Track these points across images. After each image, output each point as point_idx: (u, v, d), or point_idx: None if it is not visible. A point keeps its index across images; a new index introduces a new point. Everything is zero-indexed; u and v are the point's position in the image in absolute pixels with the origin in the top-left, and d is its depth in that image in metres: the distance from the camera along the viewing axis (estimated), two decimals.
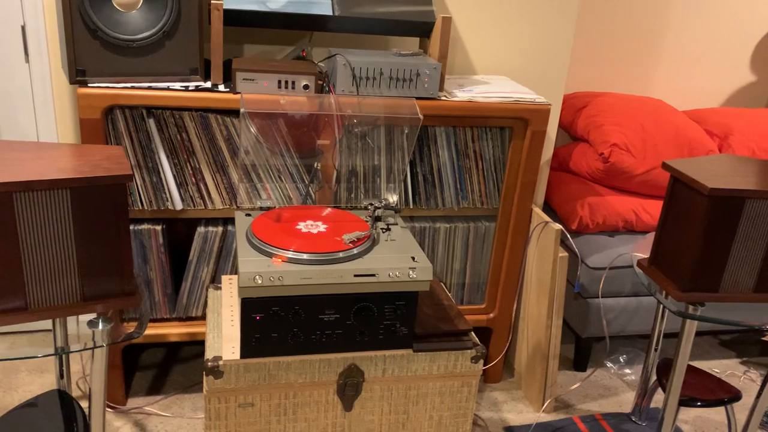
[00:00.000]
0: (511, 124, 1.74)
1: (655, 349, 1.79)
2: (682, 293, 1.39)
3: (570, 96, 2.35)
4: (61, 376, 1.38)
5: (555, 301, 1.83)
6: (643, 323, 2.04)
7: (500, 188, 1.82)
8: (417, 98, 1.59)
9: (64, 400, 1.36)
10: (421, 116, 1.52)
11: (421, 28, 1.66)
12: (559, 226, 1.78)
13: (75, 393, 1.78)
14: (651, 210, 2.11)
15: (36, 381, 1.82)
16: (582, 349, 2.12)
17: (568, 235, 1.87)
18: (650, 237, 1.84)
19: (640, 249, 1.63)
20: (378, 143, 1.67)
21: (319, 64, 1.69)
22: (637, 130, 2.12)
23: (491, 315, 1.93)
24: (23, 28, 1.67)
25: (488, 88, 1.76)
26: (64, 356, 1.37)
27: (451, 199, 1.80)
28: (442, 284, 1.70)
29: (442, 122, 1.71)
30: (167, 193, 1.62)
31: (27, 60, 1.70)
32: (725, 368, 2.18)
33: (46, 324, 2.04)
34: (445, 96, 1.68)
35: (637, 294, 2.02)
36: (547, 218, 1.82)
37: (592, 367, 2.15)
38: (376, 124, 1.64)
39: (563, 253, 1.80)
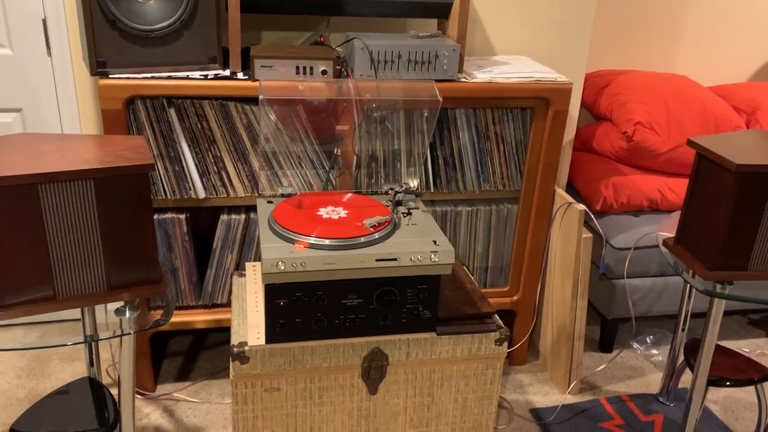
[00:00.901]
0: (533, 105, 1.72)
1: (683, 329, 1.77)
2: (710, 272, 1.36)
3: (592, 74, 2.31)
4: (91, 363, 1.40)
5: (579, 283, 1.81)
6: (670, 303, 2.02)
7: (522, 170, 1.80)
8: (436, 81, 1.58)
9: (94, 387, 1.39)
10: (440, 99, 1.50)
11: (439, 9, 1.64)
12: (582, 206, 1.76)
13: (105, 380, 1.81)
14: (676, 188, 2.08)
15: (67, 369, 1.86)
16: (608, 331, 2.10)
17: (592, 216, 1.85)
18: (676, 216, 1.82)
19: (666, 228, 1.61)
20: (397, 127, 1.66)
21: (336, 49, 1.68)
22: (662, 107, 2.09)
23: (515, 297, 1.93)
24: (44, 21, 1.68)
25: (508, 68, 1.74)
26: (93, 344, 1.40)
27: (472, 182, 1.79)
28: (464, 268, 1.70)
29: (462, 104, 1.70)
30: (190, 182, 1.63)
31: (49, 53, 1.72)
32: (755, 347, 2.15)
33: (76, 313, 2.08)
34: (464, 77, 1.66)
35: (663, 274, 2.00)
36: (570, 199, 1.80)
37: (618, 348, 2.14)
38: (395, 108, 1.63)
39: (587, 234, 1.78)
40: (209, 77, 1.53)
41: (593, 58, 2.39)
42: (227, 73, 1.55)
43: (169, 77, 1.51)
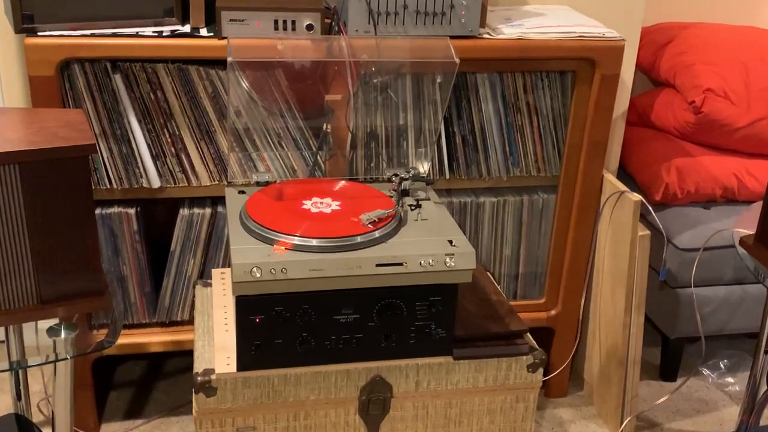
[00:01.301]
0: (575, 68, 1.72)
1: (766, 352, 1.77)
2: None
3: (651, 29, 2.31)
4: (18, 396, 1.41)
5: (634, 293, 1.81)
6: (749, 318, 2.02)
7: (561, 150, 1.80)
8: (452, 37, 1.58)
9: (22, 426, 1.39)
10: (457, 60, 1.50)
11: None
12: (638, 196, 1.76)
13: (36, 418, 1.82)
14: (757, 173, 2.08)
15: None
16: (670, 353, 2.11)
17: (651, 208, 1.85)
18: (756, 208, 1.81)
19: (744, 224, 1.60)
20: (403, 97, 1.66)
21: None
22: (738, 70, 2.08)
23: (553, 312, 1.93)
24: None
25: (543, 21, 1.74)
26: (20, 372, 1.40)
27: (498, 165, 1.79)
28: (488, 274, 1.70)
29: (485, 67, 1.69)
30: (141, 167, 1.63)
31: None
32: None
33: None
34: (488, 33, 1.66)
35: (741, 281, 2.00)
36: (622, 187, 1.80)
37: (684, 375, 2.14)
38: (401, 73, 1.63)
39: (644, 231, 1.78)
40: (164, 34, 1.53)
41: (651, 9, 2.38)
42: (187, 29, 1.56)
43: (114, 35, 1.51)
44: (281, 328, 1.32)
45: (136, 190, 1.65)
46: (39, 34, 1.48)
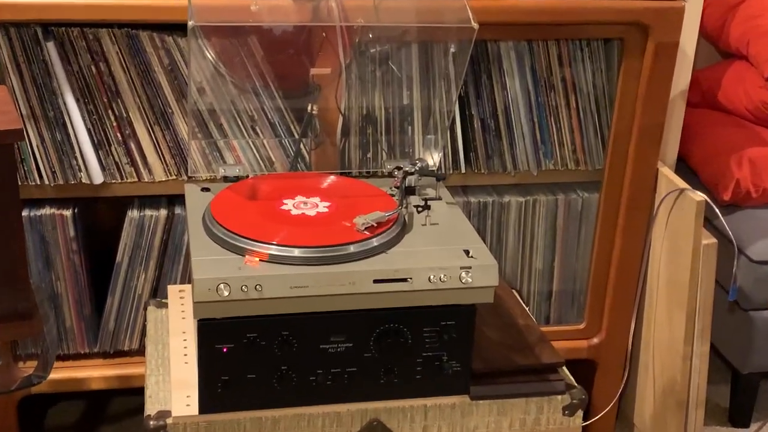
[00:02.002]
0: (622, 34, 1.72)
1: None
2: None
3: None
4: None
5: (697, 317, 1.81)
6: None
7: (606, 138, 1.81)
8: None
9: None
10: (475, 25, 1.50)
11: None
12: (702, 195, 1.76)
13: None
14: None
15: None
16: (743, 392, 2.10)
17: (717, 211, 1.85)
18: None
19: None
20: (408, 71, 1.66)
21: None
22: None
23: (595, 340, 1.93)
24: None
25: None
26: None
27: (526, 156, 1.79)
28: (514, 292, 1.69)
29: (511, 34, 1.69)
30: (79, 158, 1.63)
31: None
32: None
33: None
34: None
35: None
36: (682, 184, 1.80)
37: (760, 419, 2.13)
38: (405, 41, 1.63)
39: (710, 240, 1.78)
40: None
41: None
42: None
43: None
44: (255, 360, 1.32)
45: (74, 187, 1.65)
46: None
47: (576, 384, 1.46)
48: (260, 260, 1.28)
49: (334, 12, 1.53)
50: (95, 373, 1.76)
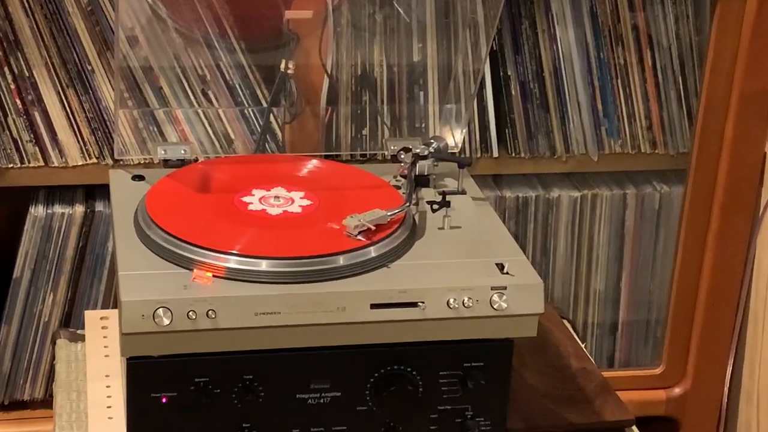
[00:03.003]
0: None
1: None
2: None
3: None
4: None
5: None
6: None
7: (693, 110, 1.81)
8: None
9: None
10: None
11: None
12: None
13: None
14: None
15: None
16: None
17: None
18: None
19: None
20: (420, 15, 1.66)
21: None
22: None
23: (677, 390, 1.93)
24: None
25: None
26: None
27: (583, 135, 1.80)
28: (565, 323, 1.69)
29: None
30: None
31: None
32: None
33: None
34: None
35: None
36: None
37: None
38: None
39: None
40: None
41: None
42: None
43: None
44: (206, 416, 1.31)
45: None
46: None
47: None
48: (214, 276, 1.28)
49: None
50: None
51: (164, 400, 1.29)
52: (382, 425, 1.35)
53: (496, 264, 1.34)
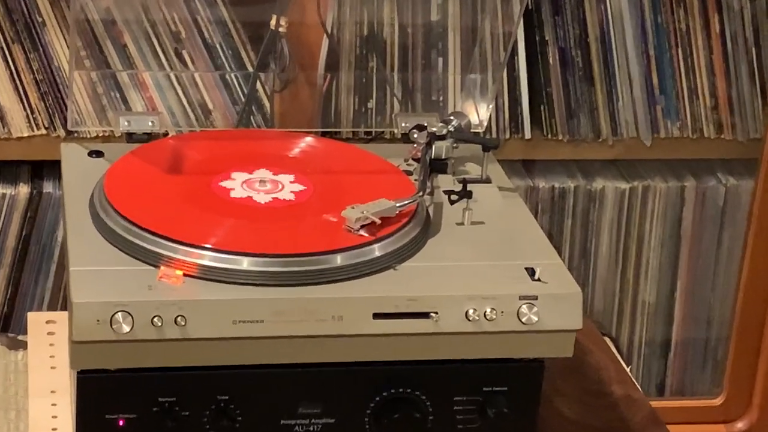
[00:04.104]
0: None
1: None
2: None
3: None
4: None
5: None
6: None
7: None
8: None
9: None
10: None
11: None
12: None
13: None
14: None
15: None
16: None
17: None
18: None
19: None
20: None
21: None
22: None
23: (740, 424, 1.93)
24: None
25: None
26: None
27: (634, 114, 1.81)
28: (608, 341, 1.68)
29: None
30: None
31: None
32: None
33: None
34: None
35: None
36: None
37: None
38: None
39: None
40: None
41: None
42: None
43: None
44: None
45: None
46: None
47: None
48: (184, 275, 1.28)
49: None
50: None
51: (121, 422, 1.29)
52: None
53: (526, 268, 1.34)
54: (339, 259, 1.30)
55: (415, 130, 1.54)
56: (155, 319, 1.23)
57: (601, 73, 1.77)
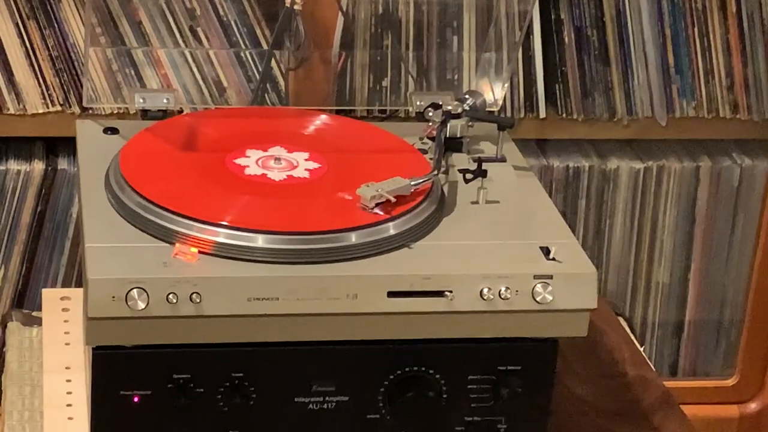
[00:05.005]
0: None
1: None
2: None
3: None
4: None
5: None
6: None
7: None
8: None
9: None
10: None
11: None
12: None
13: None
14: None
15: None
16: None
17: None
18: None
19: None
20: None
21: None
22: None
23: (752, 405, 1.94)
24: None
25: None
26: None
27: (649, 94, 1.80)
28: (621, 322, 1.68)
29: None
30: None
31: None
32: None
33: None
34: None
35: None
36: None
37: None
38: None
39: None
40: None
41: None
42: None
43: None
44: (185, 420, 1.31)
45: None
46: None
47: None
48: (199, 252, 1.28)
49: None
50: None
51: (136, 399, 1.29)
52: None
53: (541, 248, 1.34)
54: (354, 237, 1.30)
55: (430, 109, 1.54)
56: (170, 296, 1.24)
57: (616, 52, 1.77)
